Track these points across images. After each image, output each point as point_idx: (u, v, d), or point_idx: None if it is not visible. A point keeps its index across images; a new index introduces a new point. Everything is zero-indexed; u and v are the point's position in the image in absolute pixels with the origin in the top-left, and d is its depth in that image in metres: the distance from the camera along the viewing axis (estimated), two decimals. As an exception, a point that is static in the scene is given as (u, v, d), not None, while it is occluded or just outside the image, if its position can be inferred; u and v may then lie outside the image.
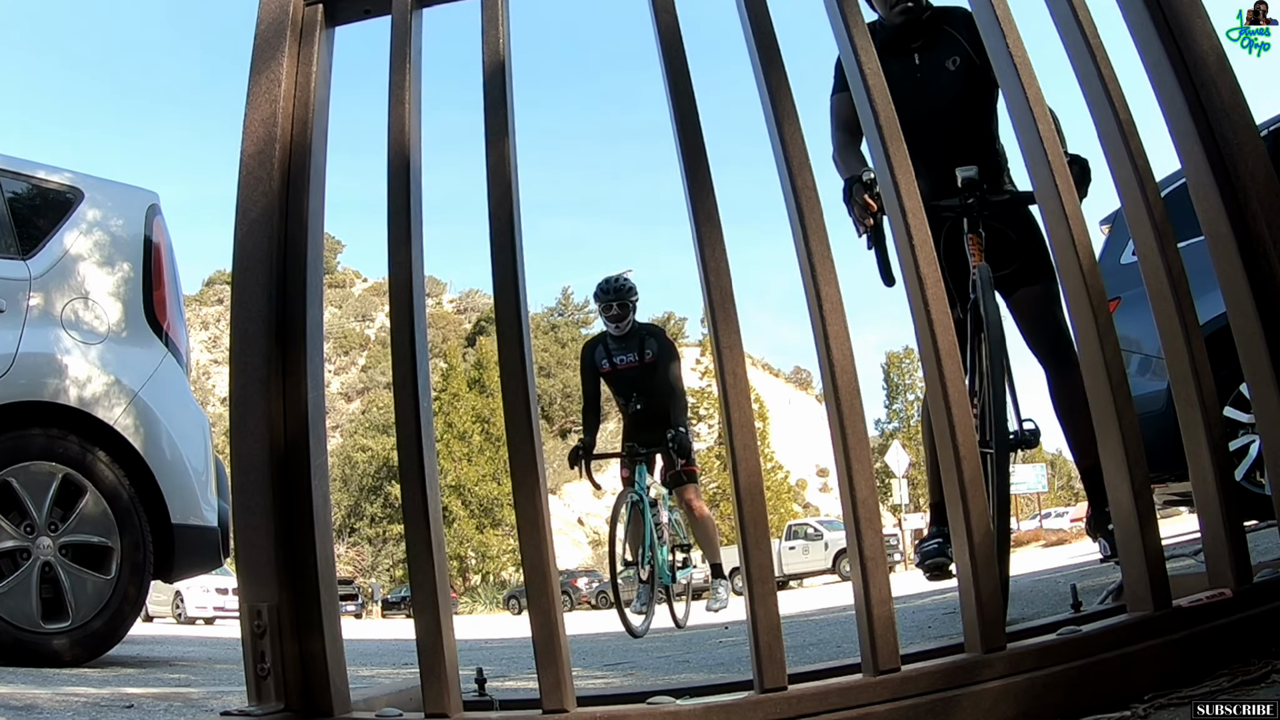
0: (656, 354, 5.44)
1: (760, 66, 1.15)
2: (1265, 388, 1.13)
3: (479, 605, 32.44)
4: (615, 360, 5.49)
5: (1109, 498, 1.13)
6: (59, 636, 2.94)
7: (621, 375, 5.50)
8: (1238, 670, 1.00)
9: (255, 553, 1.10)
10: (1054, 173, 1.16)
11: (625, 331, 5.47)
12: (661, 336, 5.58)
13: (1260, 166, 1.16)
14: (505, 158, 1.15)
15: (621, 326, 5.44)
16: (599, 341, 5.57)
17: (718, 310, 1.07)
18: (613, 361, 5.50)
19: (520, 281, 1.12)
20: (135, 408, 3.28)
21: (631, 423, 5.52)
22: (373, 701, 1.20)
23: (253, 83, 1.23)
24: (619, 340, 5.49)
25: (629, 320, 5.47)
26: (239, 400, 1.14)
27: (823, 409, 1.11)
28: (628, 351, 5.48)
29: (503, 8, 1.22)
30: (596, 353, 5.55)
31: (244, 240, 1.19)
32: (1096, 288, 1.13)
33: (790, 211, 1.11)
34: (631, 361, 5.47)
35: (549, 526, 1.05)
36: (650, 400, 5.44)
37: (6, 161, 3.37)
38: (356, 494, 46.03)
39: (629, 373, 5.48)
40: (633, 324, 5.50)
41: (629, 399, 5.48)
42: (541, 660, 1.02)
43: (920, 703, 0.97)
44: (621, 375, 5.50)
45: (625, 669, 2.90)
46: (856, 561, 1.02)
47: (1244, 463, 4.00)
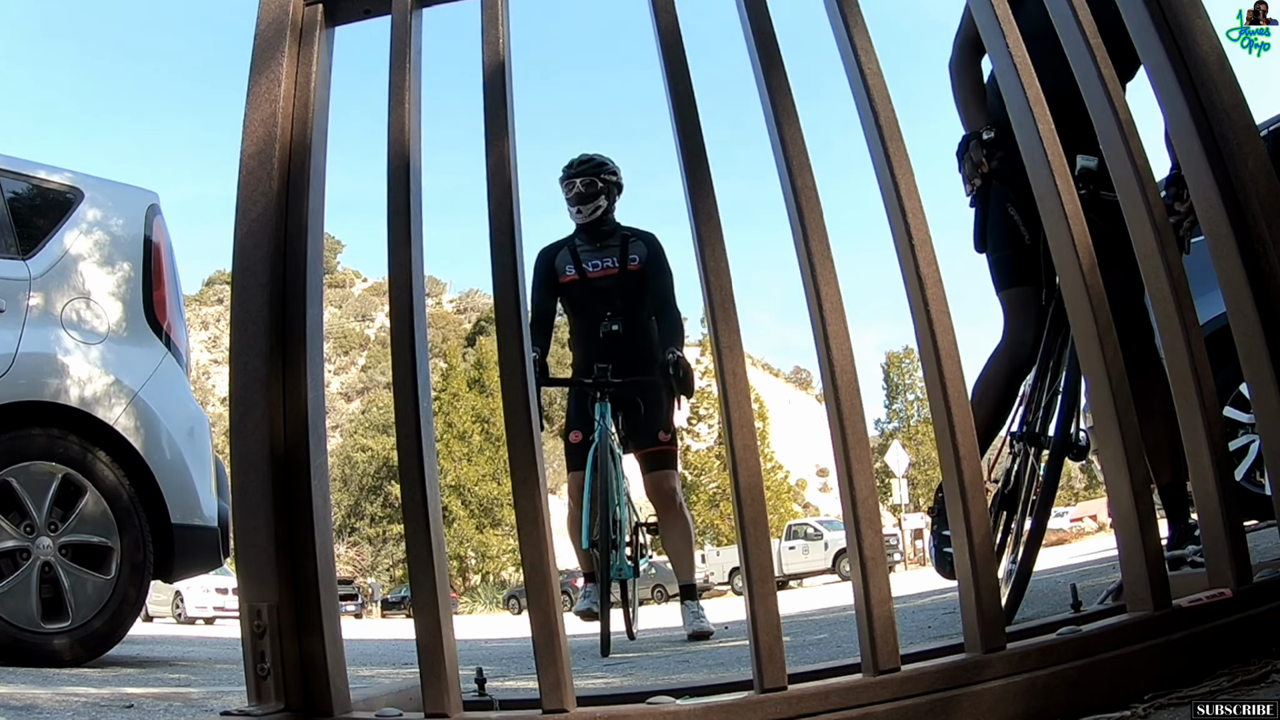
0: (644, 260, 4.04)
1: (760, 67, 1.15)
2: (1265, 388, 1.13)
3: (479, 605, 32.45)
4: (586, 266, 4.05)
5: (1109, 497, 1.13)
6: (59, 636, 2.94)
7: (592, 286, 4.04)
8: (1238, 670, 1.00)
9: (255, 553, 1.10)
10: (1054, 173, 1.16)
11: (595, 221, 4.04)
12: (653, 242, 4.12)
13: (1260, 166, 1.16)
14: (505, 158, 1.15)
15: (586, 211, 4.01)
16: (563, 245, 4.13)
17: (718, 310, 1.07)
18: (582, 268, 4.05)
19: (520, 281, 1.12)
20: (135, 408, 3.28)
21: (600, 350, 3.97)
22: (373, 701, 1.20)
23: (253, 83, 1.23)
24: (592, 240, 4.07)
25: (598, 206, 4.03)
26: (239, 400, 1.14)
27: (823, 409, 1.11)
28: (604, 255, 4.06)
29: (503, 8, 1.22)
30: (559, 258, 4.10)
31: (244, 240, 1.19)
32: (1096, 288, 1.13)
33: (790, 211, 1.11)
34: (609, 268, 4.05)
35: (549, 526, 1.05)
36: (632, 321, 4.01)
37: (6, 161, 3.38)
38: (356, 494, 46.06)
39: (603, 283, 4.04)
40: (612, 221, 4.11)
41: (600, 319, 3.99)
42: (541, 660, 1.02)
43: (920, 703, 0.97)
44: (592, 286, 4.04)
45: (625, 669, 2.90)
46: (856, 561, 1.02)
47: (1244, 463, 4.00)
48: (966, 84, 2.51)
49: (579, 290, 4.08)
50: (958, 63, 2.55)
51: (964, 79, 2.52)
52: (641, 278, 4.05)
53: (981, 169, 2.30)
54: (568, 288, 4.10)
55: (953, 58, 2.56)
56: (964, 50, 2.55)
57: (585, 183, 4.02)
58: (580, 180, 4.02)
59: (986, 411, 2.43)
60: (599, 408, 3.83)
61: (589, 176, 4.02)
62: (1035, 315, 2.43)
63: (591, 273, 4.06)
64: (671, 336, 3.92)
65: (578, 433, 4.00)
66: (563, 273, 4.09)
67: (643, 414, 4.00)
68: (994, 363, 2.47)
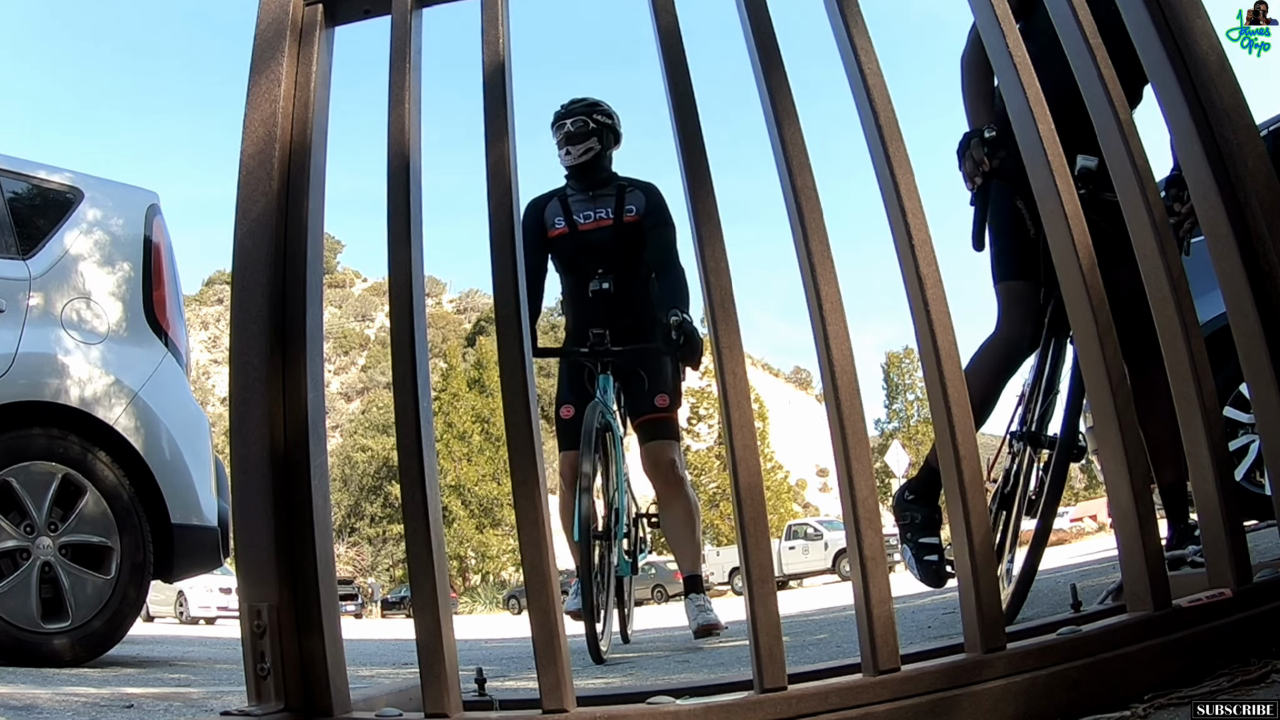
0: (642, 212, 3.61)
1: (760, 67, 1.15)
2: (1265, 388, 1.13)
3: (479, 605, 32.46)
4: (577, 218, 3.63)
5: (1109, 497, 1.13)
6: (59, 636, 2.94)
7: (583, 240, 3.61)
8: (1238, 670, 1.00)
9: (255, 553, 1.10)
10: (1054, 173, 1.16)
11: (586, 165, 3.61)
12: (653, 192, 3.68)
13: (1260, 166, 1.16)
14: (505, 158, 1.15)
15: (575, 153, 3.59)
16: (553, 196, 3.73)
17: (718, 310, 1.07)
18: (572, 220, 3.63)
19: (520, 281, 1.12)
20: (135, 408, 3.28)
21: (591, 313, 3.57)
22: (373, 701, 1.20)
23: (253, 83, 1.23)
24: (584, 188, 3.66)
25: (589, 149, 3.61)
26: (239, 400, 1.14)
27: (823, 409, 1.11)
28: (597, 206, 3.64)
29: (503, 8, 1.22)
30: (549, 209, 3.69)
31: (244, 240, 1.19)
32: (1096, 288, 1.13)
33: (790, 211, 1.11)
34: (602, 219, 3.62)
35: (549, 526, 1.05)
36: (625, 279, 3.58)
37: (6, 161, 3.38)
38: (356, 494, 46.09)
39: (595, 236, 3.61)
40: (607, 169, 3.71)
41: (588, 276, 3.58)
42: (541, 660, 1.02)
43: (920, 703, 0.97)
44: (583, 240, 3.61)
45: (625, 669, 2.90)
46: (856, 561, 1.02)
47: (1244, 463, 4.00)
48: (975, 81, 2.50)
49: (569, 245, 3.63)
50: (970, 59, 2.54)
51: (974, 76, 2.51)
52: (639, 231, 3.60)
53: (983, 167, 2.30)
54: (557, 242, 3.64)
55: (965, 53, 2.55)
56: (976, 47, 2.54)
57: (576, 123, 3.61)
58: (570, 120, 3.62)
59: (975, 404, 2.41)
60: (601, 381, 3.40)
61: (579, 117, 3.63)
62: (1035, 310, 2.42)
63: (583, 225, 3.62)
64: (674, 296, 3.42)
65: (570, 406, 3.50)
66: (552, 226, 3.64)
67: (645, 385, 3.55)
68: (985, 354, 2.42)
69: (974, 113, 2.46)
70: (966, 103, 2.50)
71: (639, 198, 3.65)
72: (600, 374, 3.43)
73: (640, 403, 3.60)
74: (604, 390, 3.40)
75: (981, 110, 2.45)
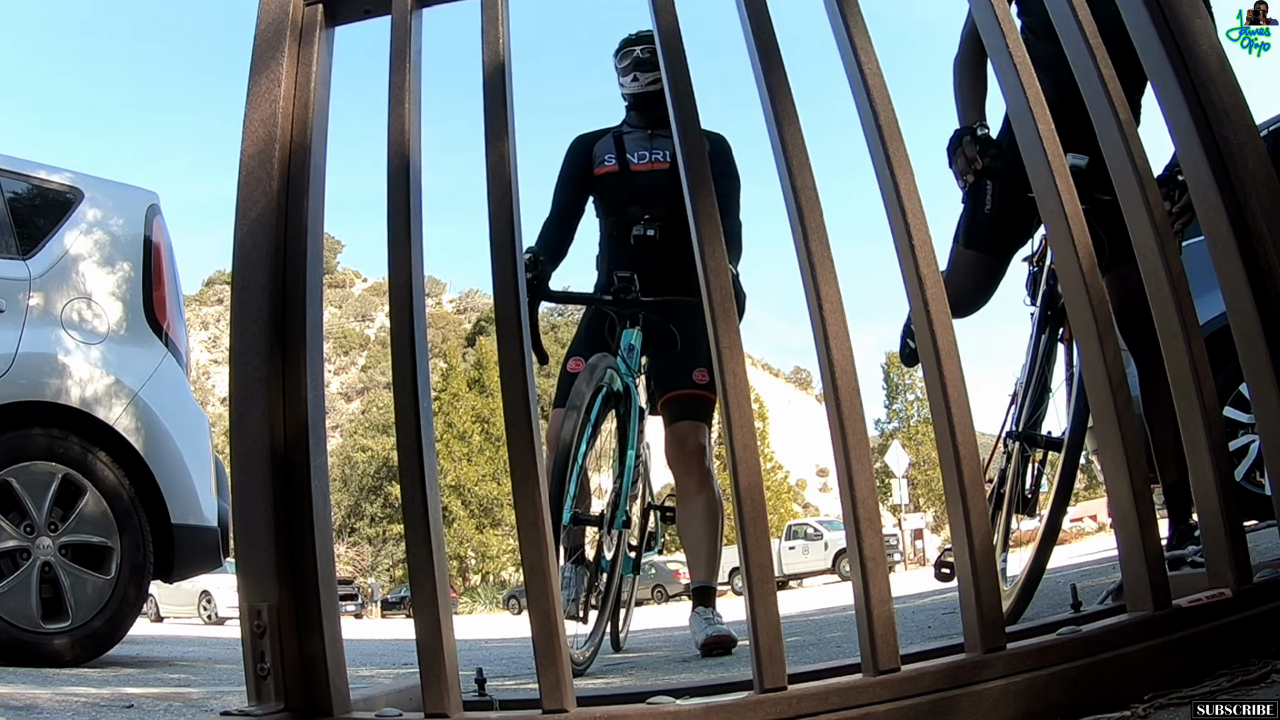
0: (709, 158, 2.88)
1: (760, 67, 1.15)
2: (1265, 388, 1.13)
3: (479, 605, 32.45)
4: (631, 157, 3.18)
5: (1109, 497, 1.13)
6: (59, 636, 2.94)
7: (634, 181, 3.15)
8: (1238, 670, 1.00)
9: (255, 553, 1.10)
10: (1054, 173, 1.16)
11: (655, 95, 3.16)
12: (721, 142, 3.27)
13: (1260, 166, 1.16)
14: (505, 158, 1.15)
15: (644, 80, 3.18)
16: (607, 132, 3.29)
17: (718, 310, 1.07)
18: (624, 157, 3.18)
19: (520, 281, 1.12)
20: (135, 408, 3.28)
21: (628, 260, 3.07)
22: (373, 701, 1.20)
23: (253, 83, 1.23)
24: (646, 124, 3.22)
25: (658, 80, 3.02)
26: (239, 400, 1.14)
27: (823, 409, 1.11)
28: (655, 147, 3.20)
29: (503, 8, 1.22)
30: (600, 145, 3.25)
31: (244, 240, 1.19)
32: (1096, 288, 1.13)
33: (790, 212, 1.11)
34: (659, 162, 3.18)
35: (549, 526, 1.05)
36: (674, 229, 3.06)
37: (6, 161, 3.38)
38: (356, 494, 46.08)
39: (648, 178, 3.14)
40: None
41: (633, 220, 3.11)
42: (541, 660, 1.02)
43: (920, 703, 0.97)
44: (634, 181, 3.15)
45: (625, 669, 2.90)
46: (856, 561, 1.02)
47: (1244, 463, 4.00)
48: (967, 81, 2.54)
49: (616, 184, 3.17)
50: (961, 60, 2.58)
51: (965, 76, 2.55)
52: None
53: (975, 165, 2.32)
54: (604, 180, 3.19)
55: (958, 54, 2.59)
56: (966, 46, 2.57)
57: (648, 50, 3.17)
58: (641, 48, 3.20)
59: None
60: (624, 336, 2.86)
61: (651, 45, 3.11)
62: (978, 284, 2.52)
63: (636, 164, 3.16)
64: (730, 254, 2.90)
65: (579, 359, 2.92)
66: (600, 162, 3.20)
67: (682, 354, 2.94)
68: None
69: (964, 112, 2.50)
70: (958, 102, 2.54)
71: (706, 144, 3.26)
72: (625, 328, 2.87)
73: (673, 374, 3.05)
74: (628, 348, 2.84)
75: (971, 110, 2.49)
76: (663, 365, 3.06)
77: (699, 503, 3.03)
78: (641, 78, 3.20)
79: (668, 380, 3.07)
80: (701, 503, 3.02)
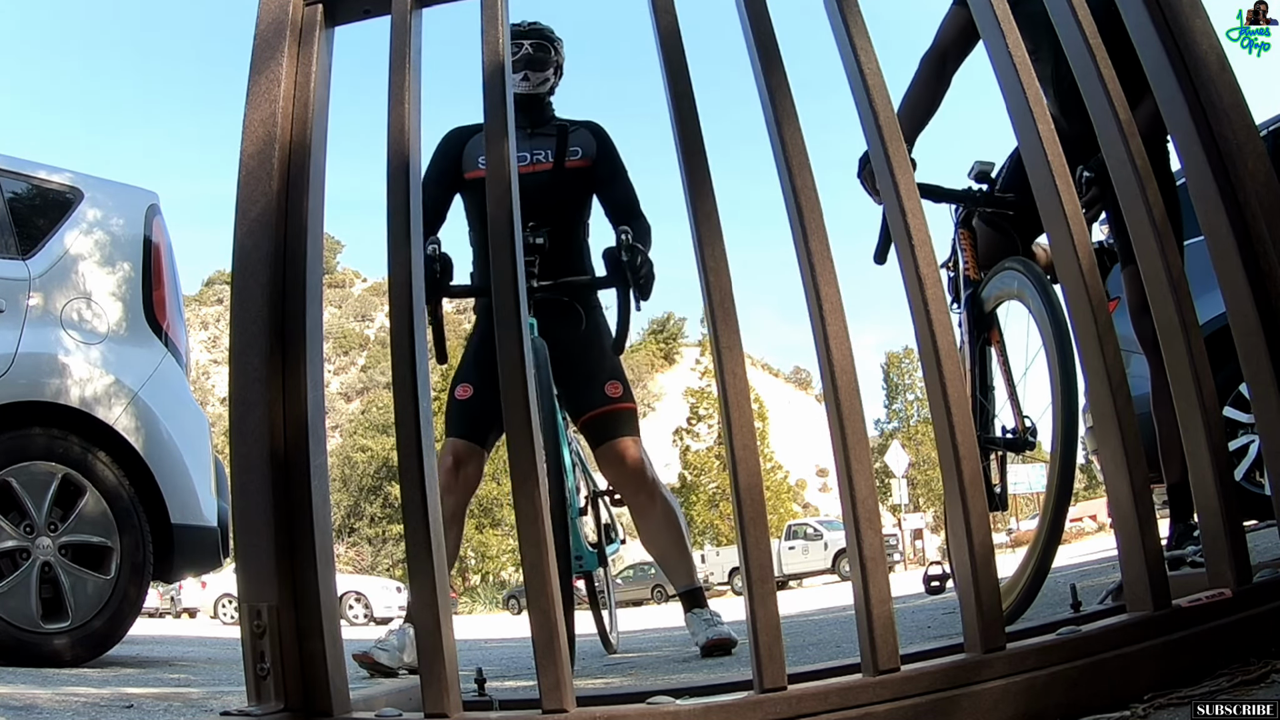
0: (594, 158, 2.99)
1: (760, 67, 1.15)
2: (1265, 388, 1.13)
3: (479, 605, 32.45)
4: None
5: (1109, 497, 1.13)
6: (59, 636, 2.94)
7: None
8: (1238, 670, 1.00)
9: (255, 553, 1.10)
10: (1053, 173, 1.16)
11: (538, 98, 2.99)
12: (601, 133, 3.06)
13: (1260, 166, 1.16)
14: (505, 158, 1.15)
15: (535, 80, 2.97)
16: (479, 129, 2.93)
17: (717, 310, 1.07)
18: None
19: (520, 281, 1.12)
20: (135, 408, 3.28)
21: None
22: (373, 701, 1.20)
23: (252, 83, 1.23)
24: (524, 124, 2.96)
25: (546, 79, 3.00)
26: (239, 400, 1.14)
27: (823, 409, 1.11)
28: (535, 147, 2.96)
29: (503, 8, 1.22)
30: (471, 143, 2.98)
31: (244, 240, 1.19)
32: (1096, 288, 1.13)
33: (790, 212, 1.11)
34: (540, 163, 2.94)
35: (549, 526, 1.05)
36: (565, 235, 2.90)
37: (6, 161, 3.38)
38: (356, 494, 46.08)
39: (530, 181, 2.84)
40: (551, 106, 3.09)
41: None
42: (541, 660, 1.02)
43: (920, 703, 0.97)
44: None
45: (625, 669, 2.90)
46: (856, 561, 1.02)
47: (1244, 463, 4.00)
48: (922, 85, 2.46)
49: None
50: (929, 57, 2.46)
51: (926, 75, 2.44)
52: (587, 179, 2.98)
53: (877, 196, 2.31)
54: (476, 185, 2.90)
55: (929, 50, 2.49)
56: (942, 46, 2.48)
57: (536, 45, 2.96)
58: (530, 42, 2.96)
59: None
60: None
61: (541, 40, 2.99)
62: None
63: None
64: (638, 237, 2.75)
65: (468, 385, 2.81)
66: (473, 165, 2.94)
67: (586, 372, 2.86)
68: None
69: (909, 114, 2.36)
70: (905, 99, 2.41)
71: (586, 139, 3.01)
72: None
73: (584, 394, 2.89)
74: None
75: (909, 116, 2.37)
76: (571, 388, 2.91)
77: (656, 516, 2.96)
78: (533, 78, 2.98)
79: (581, 401, 2.92)
80: (658, 515, 2.96)
